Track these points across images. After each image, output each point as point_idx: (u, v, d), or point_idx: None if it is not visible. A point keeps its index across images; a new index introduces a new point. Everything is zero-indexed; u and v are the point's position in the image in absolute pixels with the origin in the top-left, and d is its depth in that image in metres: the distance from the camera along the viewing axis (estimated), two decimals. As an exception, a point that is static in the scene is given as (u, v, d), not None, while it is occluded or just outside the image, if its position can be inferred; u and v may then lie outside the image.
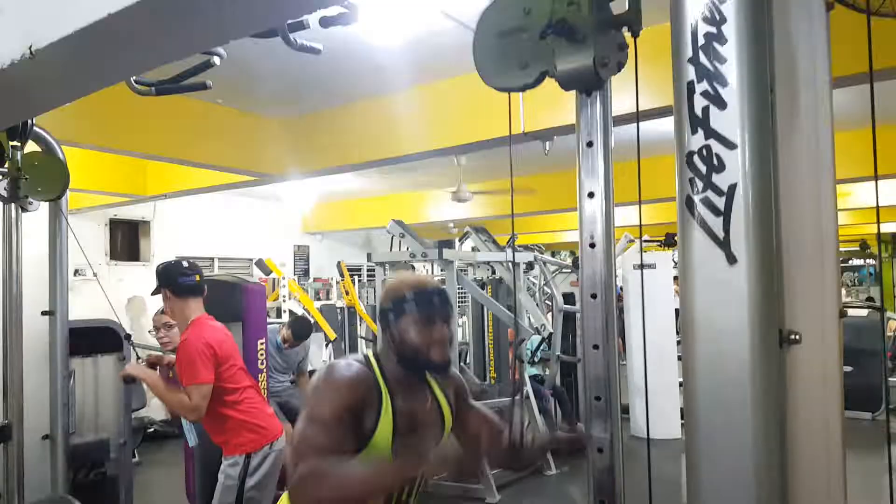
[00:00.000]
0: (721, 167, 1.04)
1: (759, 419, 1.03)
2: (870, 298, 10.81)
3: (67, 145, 3.28)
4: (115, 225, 8.03)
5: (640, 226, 1.91)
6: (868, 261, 16.27)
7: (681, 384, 7.99)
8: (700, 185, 1.06)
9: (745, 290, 1.03)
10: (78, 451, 3.62)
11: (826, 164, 1.23)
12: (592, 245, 1.54)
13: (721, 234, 1.04)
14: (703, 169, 1.05)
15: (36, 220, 3.10)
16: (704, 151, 1.05)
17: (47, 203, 3.08)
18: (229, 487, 2.86)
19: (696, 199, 1.06)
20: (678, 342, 9.65)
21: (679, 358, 9.57)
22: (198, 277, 2.95)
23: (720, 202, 1.04)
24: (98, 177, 5.93)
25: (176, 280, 2.91)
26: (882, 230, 13.38)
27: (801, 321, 1.13)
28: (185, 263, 2.97)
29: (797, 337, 1.07)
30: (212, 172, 5.61)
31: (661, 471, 1.70)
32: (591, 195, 1.52)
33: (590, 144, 1.50)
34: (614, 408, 1.55)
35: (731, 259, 1.03)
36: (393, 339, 1.63)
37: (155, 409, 7.30)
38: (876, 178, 1.45)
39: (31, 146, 2.93)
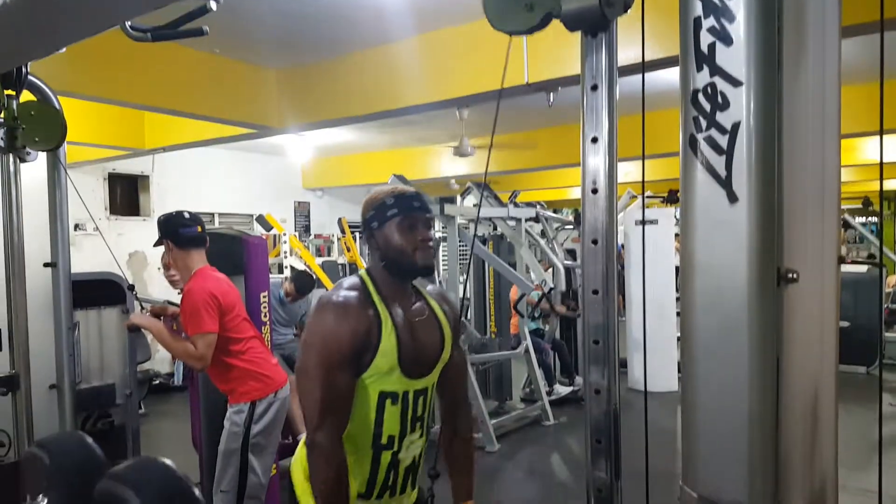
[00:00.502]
0: (725, 105, 1.03)
1: (755, 354, 1.04)
2: (871, 255, 10.82)
3: (63, 95, 3.24)
4: (114, 179, 8.00)
5: (644, 175, 1.89)
6: (870, 218, 16.25)
7: (679, 339, 8.11)
8: (704, 123, 1.05)
9: (745, 228, 1.03)
10: (85, 401, 3.69)
11: (831, 107, 1.20)
12: (595, 191, 1.53)
13: (723, 173, 1.03)
14: (708, 107, 1.04)
15: (35, 170, 3.09)
16: (709, 89, 1.04)
17: (45, 154, 3.06)
18: (235, 433, 2.92)
19: (700, 137, 1.05)
20: (678, 298, 9.73)
21: (678, 314, 9.65)
22: (199, 228, 2.95)
23: (723, 141, 1.03)
24: (95, 129, 5.87)
25: (177, 231, 2.91)
26: (886, 187, 13.34)
27: (800, 263, 1.13)
28: (186, 214, 2.96)
29: (794, 276, 1.07)
30: (209, 125, 5.56)
31: (658, 421, 1.73)
32: (594, 140, 1.50)
33: (594, 88, 1.48)
34: (612, 352, 1.56)
35: (732, 198, 1.03)
36: (378, 247, 1.64)
37: (160, 362, 7.41)
38: (881, 131, 1.42)
39: (26, 96, 2.90)
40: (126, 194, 8.28)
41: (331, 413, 1.50)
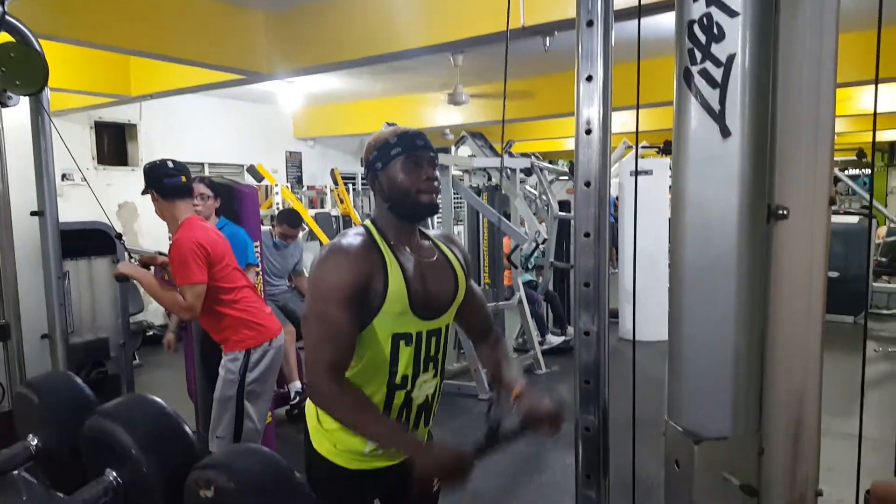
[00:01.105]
0: (721, 36, 1.00)
1: (742, 290, 1.03)
2: (864, 207, 10.85)
3: (44, 38, 3.14)
4: (100, 128, 7.87)
5: (637, 120, 1.85)
6: (864, 170, 16.22)
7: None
8: (699, 55, 1.02)
9: (737, 162, 1.01)
10: (78, 352, 3.71)
11: (828, 45, 1.18)
12: (588, 132, 1.51)
13: (717, 107, 1.01)
14: (703, 39, 1.01)
15: (19, 117, 3.02)
16: (705, 20, 1.01)
17: (28, 100, 2.99)
18: (230, 381, 2.93)
19: (694, 70, 1.02)
20: (670, 249, 9.75)
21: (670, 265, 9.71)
22: (184, 178, 2.89)
23: (718, 73, 1.00)
24: (79, 75, 5.74)
25: (161, 181, 2.85)
26: (880, 138, 13.28)
27: (791, 201, 1.12)
28: (170, 163, 2.89)
29: (785, 212, 1.06)
30: (196, 70, 5.42)
31: (647, 370, 1.74)
32: (588, 79, 1.47)
33: (590, 24, 1.44)
34: (602, 295, 1.56)
35: (725, 132, 1.01)
36: (382, 190, 1.62)
37: (153, 313, 7.43)
38: (877, 80, 1.40)
39: (5, 38, 2.82)
40: (114, 143, 8.15)
41: (329, 352, 1.50)
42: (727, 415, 1.04)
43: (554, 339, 6.67)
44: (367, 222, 1.67)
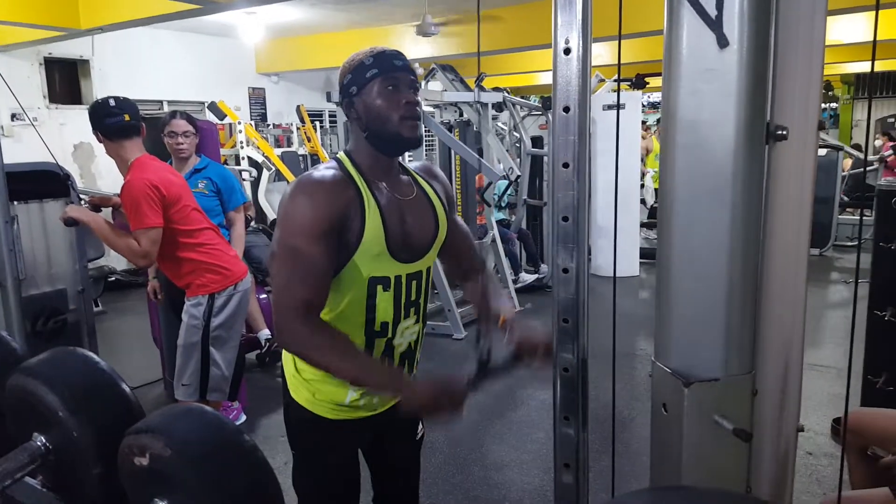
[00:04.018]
0: (719, -72, 0.88)
1: (738, 220, 0.94)
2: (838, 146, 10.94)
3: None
4: (50, 65, 7.44)
5: (619, 50, 1.72)
6: (831, 104, 16.30)
7: (642, 225, 8.27)
8: (694, -48, 0.90)
9: (735, 75, 0.91)
10: (34, 300, 3.55)
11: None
12: (567, 51, 1.38)
13: (713, 12, 0.89)
14: (699, -68, 0.89)
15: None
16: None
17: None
18: (194, 327, 2.83)
19: (689, -29, 0.91)
20: (642, 185, 9.78)
21: (642, 201, 9.73)
22: (127, 117, 2.69)
23: (715, -26, 0.89)
24: (23, 6, 5.35)
25: (103, 121, 2.66)
26: (845, 70, 13.30)
27: (787, 122, 1.02)
28: (111, 102, 2.69)
29: (784, 133, 0.96)
30: (150, 0, 5.10)
31: (620, 304, 1.67)
32: (566, -9, 1.33)
33: (565, -71, 1.29)
34: (581, 230, 1.47)
35: (723, 41, 0.90)
36: (359, 117, 1.48)
37: (115, 258, 7.21)
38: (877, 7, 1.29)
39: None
40: (66, 81, 7.74)
41: (301, 290, 1.36)
42: (719, 355, 0.97)
43: (527, 277, 6.66)
44: (341, 154, 1.52)
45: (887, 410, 2.15)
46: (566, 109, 1.42)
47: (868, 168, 9.08)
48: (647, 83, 9.39)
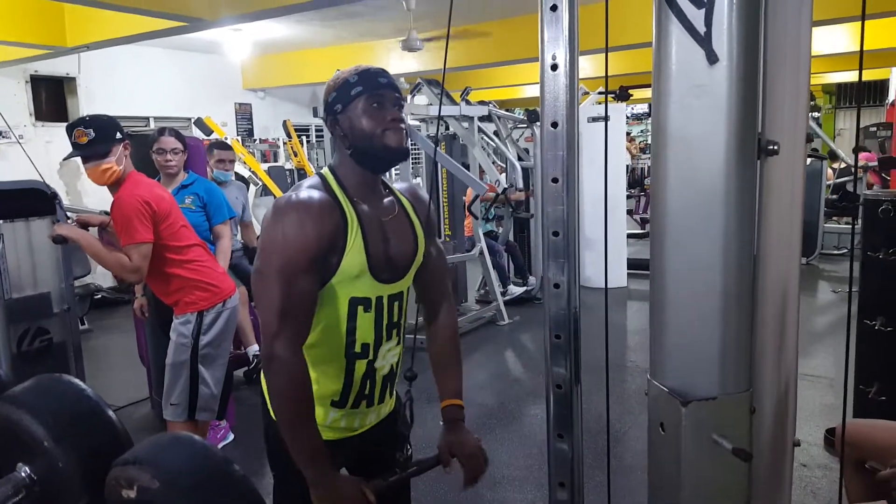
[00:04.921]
0: (707, -53, 0.88)
1: (731, 235, 0.94)
2: (814, 149, 11.05)
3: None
4: (37, 82, 7.40)
5: (606, 62, 1.73)
6: (813, 114, 16.49)
7: (629, 236, 8.30)
8: (683, -29, 0.90)
9: (725, 91, 0.90)
10: (17, 314, 3.49)
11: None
12: (554, 67, 1.38)
13: (702, 29, 0.89)
14: (687, -50, 0.89)
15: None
16: (689, -72, 0.89)
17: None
18: (183, 345, 2.80)
19: (677, -12, 0.91)
20: (629, 196, 9.83)
21: (629, 212, 9.77)
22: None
23: (703, -9, 0.89)
24: (9, 25, 5.32)
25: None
26: (826, 80, 13.49)
27: (778, 136, 1.02)
28: (87, 118, 2.68)
29: (775, 147, 0.96)
30: (135, 18, 5.08)
31: (609, 316, 1.66)
32: (553, 8, 1.34)
33: (553, -52, 1.30)
34: (572, 244, 1.46)
35: (712, 57, 0.90)
36: (343, 134, 1.46)
37: (101, 276, 7.14)
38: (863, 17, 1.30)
39: None
40: (52, 99, 7.70)
41: (290, 321, 1.35)
42: (716, 372, 0.96)
43: (515, 290, 6.65)
44: (325, 170, 1.50)
45: (882, 422, 2.14)
46: (554, 125, 1.43)
47: (846, 178, 9.19)
48: (631, 95, 9.49)
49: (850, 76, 12.17)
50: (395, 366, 1.61)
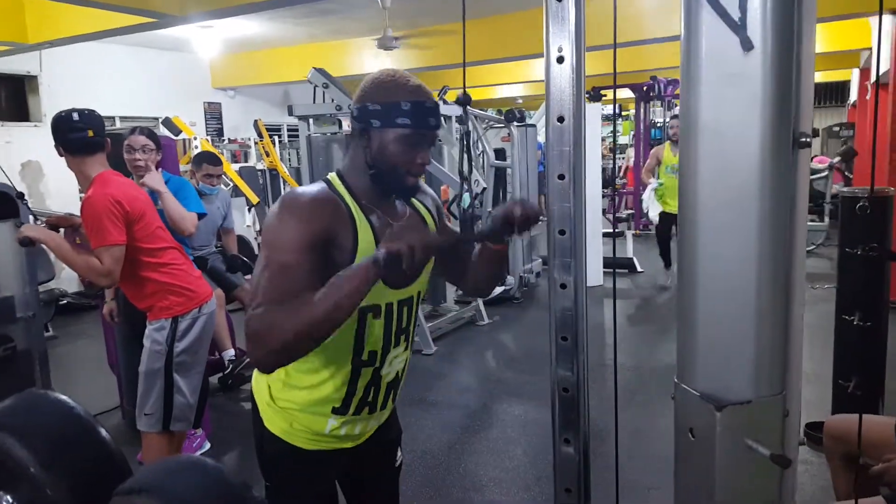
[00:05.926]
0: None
1: (766, 231, 0.89)
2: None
3: None
4: (-5, 81, 7.15)
5: (615, 58, 1.69)
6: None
7: (604, 234, 8.35)
8: (716, -49, 0.85)
9: (761, 79, 0.86)
10: (-19, 325, 3.34)
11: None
12: (560, 59, 1.34)
13: (737, 15, 0.84)
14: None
15: None
16: None
17: None
18: (157, 352, 2.68)
19: (710, -29, 0.86)
20: (603, 196, 9.89)
21: (603, 212, 9.82)
22: (91, 132, 2.56)
23: (736, -26, 0.84)
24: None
25: (66, 136, 2.53)
26: (821, 79, 13.80)
27: (802, 127, 0.99)
28: (75, 116, 2.55)
29: (808, 139, 0.92)
30: (100, 14, 4.92)
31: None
32: (559, -2, 1.29)
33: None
34: (579, 242, 1.42)
35: (747, 45, 0.85)
36: (368, 148, 1.37)
37: (66, 281, 6.92)
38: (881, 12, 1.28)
39: None
40: (12, 97, 7.44)
41: (280, 296, 1.22)
42: (750, 375, 0.91)
43: (495, 290, 6.61)
44: (332, 175, 1.43)
45: (870, 416, 2.15)
46: (560, 119, 1.38)
47: (817, 176, 9.40)
48: (604, 96, 9.54)
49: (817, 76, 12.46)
50: (401, 372, 1.55)
